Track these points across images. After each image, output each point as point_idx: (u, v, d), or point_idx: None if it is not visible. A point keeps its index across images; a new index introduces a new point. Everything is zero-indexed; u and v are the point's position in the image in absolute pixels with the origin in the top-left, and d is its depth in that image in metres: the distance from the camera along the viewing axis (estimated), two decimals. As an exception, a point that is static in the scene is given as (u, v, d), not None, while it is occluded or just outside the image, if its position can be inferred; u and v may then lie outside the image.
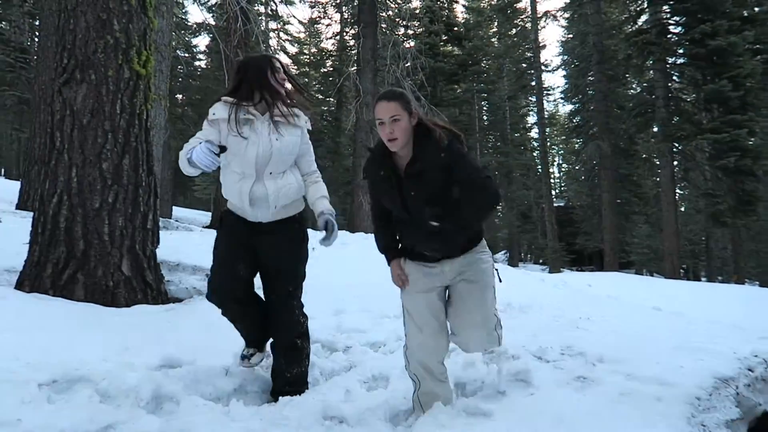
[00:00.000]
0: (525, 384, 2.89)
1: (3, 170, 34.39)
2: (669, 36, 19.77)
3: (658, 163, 23.47)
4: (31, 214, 8.29)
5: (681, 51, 19.64)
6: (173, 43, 12.99)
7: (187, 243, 6.40)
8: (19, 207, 10.07)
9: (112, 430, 2.10)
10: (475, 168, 2.47)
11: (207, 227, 12.77)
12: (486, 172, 2.50)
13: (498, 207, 2.69)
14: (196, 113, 30.86)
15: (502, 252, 33.58)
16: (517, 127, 31.92)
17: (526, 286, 6.49)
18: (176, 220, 12.80)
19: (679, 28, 19.65)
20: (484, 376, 3.00)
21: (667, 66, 20.20)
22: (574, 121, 29.86)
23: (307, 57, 33.72)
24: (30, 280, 3.94)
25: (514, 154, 29.34)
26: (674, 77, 20.56)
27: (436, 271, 2.63)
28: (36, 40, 22.25)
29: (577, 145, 31.31)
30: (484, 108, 32.00)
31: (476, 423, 2.43)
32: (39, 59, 11.06)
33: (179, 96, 30.32)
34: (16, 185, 16.69)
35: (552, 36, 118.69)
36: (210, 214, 18.60)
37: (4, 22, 27.41)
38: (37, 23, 23.88)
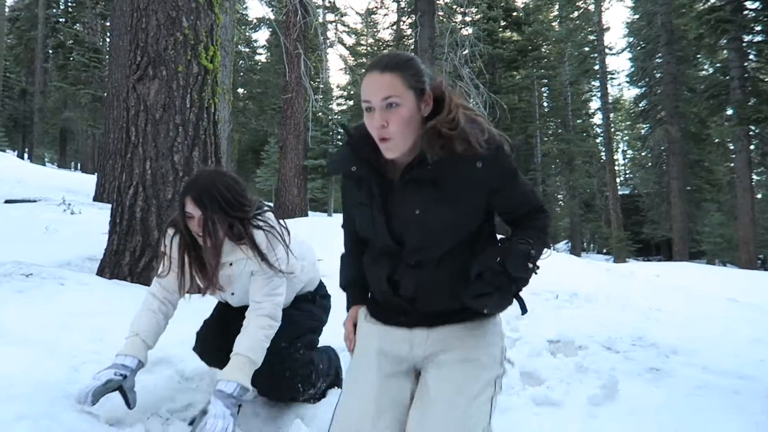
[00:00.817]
0: (594, 374, 2.83)
1: (79, 165, 36.37)
2: (745, 12, 18.62)
3: (732, 147, 22.24)
4: (107, 205, 8.79)
5: (759, 28, 18.47)
6: (235, 39, 13.33)
7: (252, 232, 6.58)
8: (95, 199, 10.66)
9: (192, 408, 2.20)
10: (533, 193, 1.63)
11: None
12: (542, 200, 1.68)
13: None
14: (257, 106, 31.63)
15: (564, 242, 32.78)
16: (579, 113, 30.97)
17: (591, 275, 6.33)
18: (240, 211, 13.17)
19: (757, 4, 18.46)
20: (551, 366, 2.95)
21: (743, 44, 19.04)
22: (641, 105, 28.67)
23: (364, 48, 33.86)
24: (110, 267, 4.17)
25: (576, 141, 28.49)
26: (751, 56, 19.36)
27: (400, 339, 1.61)
28: (107, 40, 23.38)
29: (643, 131, 30.08)
30: (545, 94, 31.21)
31: (545, 412, 2.40)
32: (111, 58, 11.60)
33: (241, 90, 31.13)
34: (92, 179, 17.64)
35: (616, 17, 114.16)
36: (271, 204, 19.04)
37: (78, 24, 28.90)
38: (108, 24, 25.03)
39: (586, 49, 29.75)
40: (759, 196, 27.82)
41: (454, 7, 20.04)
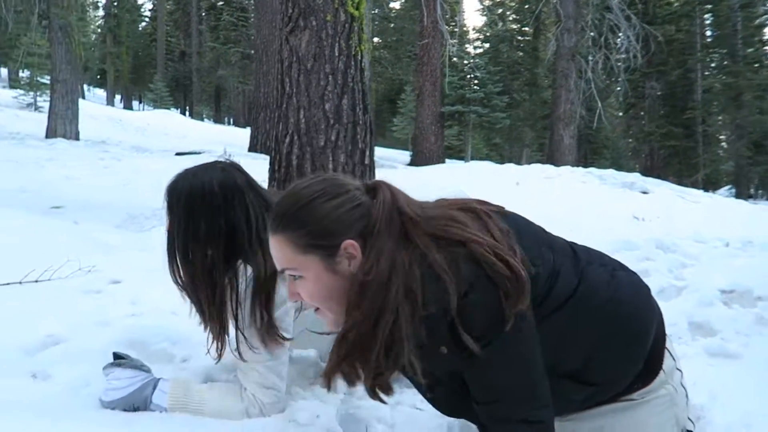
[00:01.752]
0: (779, 328, 2.56)
1: (232, 120, 39.33)
2: None
3: None
4: (261, 155, 9.45)
5: None
6: (371, -14, 13.33)
7: (394, 179, 6.74)
8: (250, 150, 11.49)
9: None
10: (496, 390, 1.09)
11: (410, 164, 13.33)
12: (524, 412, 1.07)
13: None
14: (393, 55, 31.72)
15: (726, 188, 29.61)
16: (751, 40, 27.09)
17: (766, 222, 5.68)
18: (379, 158, 13.53)
19: None
20: (725, 317, 2.72)
21: None
22: (832, 26, 24.48)
23: (502, -15, 32.22)
24: (271, 211, 4.50)
25: (746, 73, 25.08)
26: None
27: None
28: (252, -2, 24.59)
29: (834, 57, 25.76)
30: (708, 22, 27.71)
31: (720, 363, 2.24)
32: (258, 14, 12.21)
33: (376, 39, 31.33)
34: (244, 132, 19.00)
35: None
36: (408, 153, 19.28)
37: (226, -14, 30.66)
38: (252, -17, 26.24)
39: (764, -36, 25.77)
40: None
41: (603, -70, 18.24)
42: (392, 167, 10.07)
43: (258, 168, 6.89)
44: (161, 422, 1.43)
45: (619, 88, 20.02)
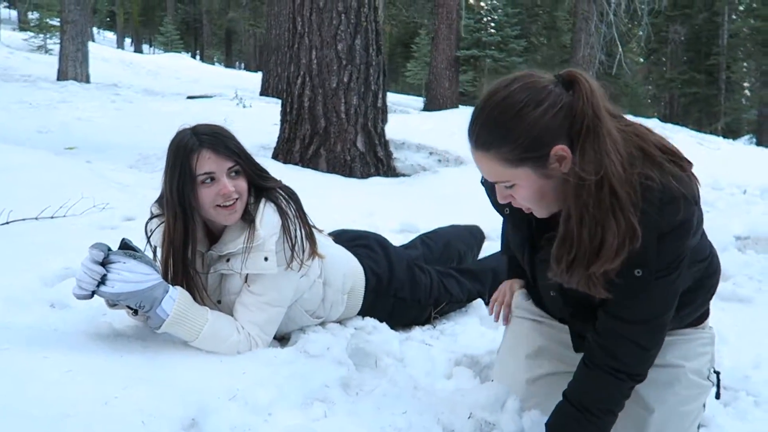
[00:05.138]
0: (793, 274, 2.55)
1: (243, 64, 38.77)
2: None
3: None
4: (273, 99, 9.36)
5: None
6: None
7: (407, 124, 6.67)
8: (262, 93, 11.39)
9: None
10: (644, 304, 1.14)
11: (423, 110, 13.15)
12: (652, 326, 1.16)
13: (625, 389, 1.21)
14: (407, -4, 30.72)
15: (747, 137, 28.97)
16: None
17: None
18: (392, 104, 13.31)
19: None
20: (738, 263, 2.71)
21: None
22: None
23: None
24: (283, 154, 4.49)
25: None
26: None
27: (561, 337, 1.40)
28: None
29: None
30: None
31: (731, 308, 2.25)
32: (269, -47, 11.83)
33: (390, -21, 30.27)
34: (255, 76, 18.75)
35: None
36: (421, 99, 18.97)
37: None
38: None
39: None
40: None
41: None
42: (405, 112, 9.92)
43: (270, 111, 6.84)
44: (183, 352, 1.46)
45: (641, 33, 19.28)
